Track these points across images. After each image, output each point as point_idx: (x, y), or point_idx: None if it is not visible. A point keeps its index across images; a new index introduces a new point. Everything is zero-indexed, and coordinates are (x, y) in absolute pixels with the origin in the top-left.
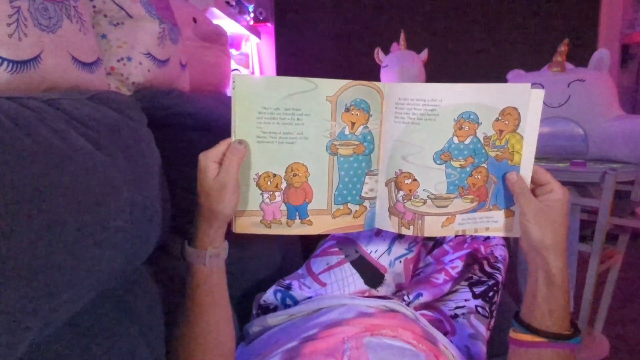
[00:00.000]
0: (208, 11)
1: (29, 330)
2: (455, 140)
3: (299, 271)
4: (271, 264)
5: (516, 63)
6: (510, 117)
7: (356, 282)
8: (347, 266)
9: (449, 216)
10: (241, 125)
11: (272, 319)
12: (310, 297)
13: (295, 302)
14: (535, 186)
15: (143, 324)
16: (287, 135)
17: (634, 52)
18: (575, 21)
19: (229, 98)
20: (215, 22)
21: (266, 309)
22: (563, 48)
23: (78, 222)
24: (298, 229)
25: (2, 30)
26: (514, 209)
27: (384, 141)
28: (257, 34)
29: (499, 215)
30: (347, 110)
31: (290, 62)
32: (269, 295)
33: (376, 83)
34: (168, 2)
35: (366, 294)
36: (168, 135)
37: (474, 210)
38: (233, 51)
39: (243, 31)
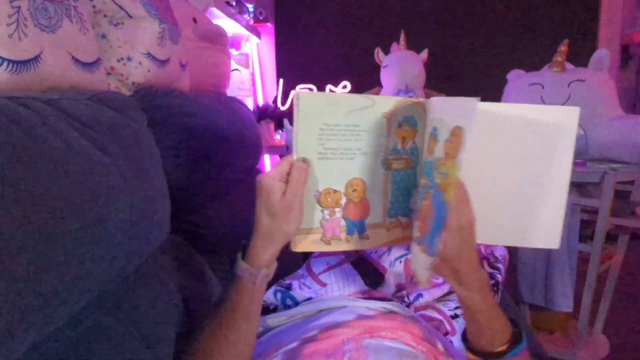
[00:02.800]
0: (208, 11)
1: (30, 330)
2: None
3: (299, 271)
4: None
5: (516, 63)
6: (456, 138)
7: (356, 282)
8: (348, 266)
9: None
10: (303, 142)
11: (272, 320)
12: (310, 298)
13: (296, 303)
14: None
15: (143, 324)
16: (347, 151)
17: (634, 52)
18: (575, 21)
19: (229, 98)
20: (215, 22)
21: (266, 309)
22: (563, 48)
23: (78, 222)
24: (356, 244)
25: (2, 30)
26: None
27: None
28: (257, 34)
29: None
30: (400, 126)
31: (290, 62)
32: (269, 296)
33: (422, 100)
34: (168, 2)
35: (366, 295)
36: (168, 135)
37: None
38: (233, 51)
39: (243, 31)
